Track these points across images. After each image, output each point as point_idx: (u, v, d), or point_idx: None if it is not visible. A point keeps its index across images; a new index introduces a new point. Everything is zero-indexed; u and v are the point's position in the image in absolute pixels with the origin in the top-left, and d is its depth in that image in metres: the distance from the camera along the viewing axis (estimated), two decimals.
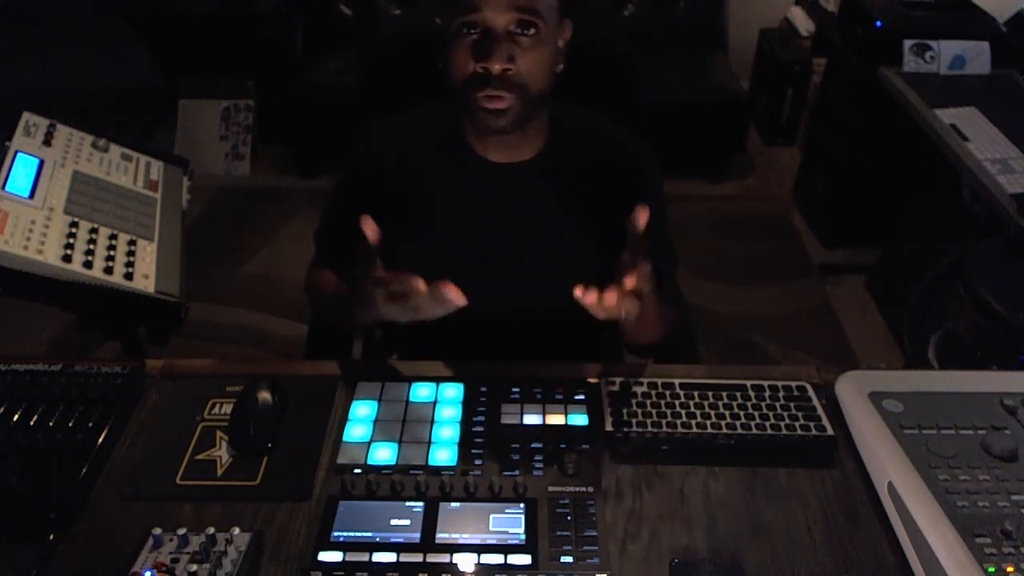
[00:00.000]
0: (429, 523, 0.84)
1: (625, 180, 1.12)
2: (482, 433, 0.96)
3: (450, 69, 1.00)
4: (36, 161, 1.28)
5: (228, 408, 1.00)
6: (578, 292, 0.85)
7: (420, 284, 0.87)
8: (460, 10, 0.96)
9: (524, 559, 0.80)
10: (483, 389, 1.03)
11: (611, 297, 0.85)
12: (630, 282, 0.85)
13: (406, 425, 0.97)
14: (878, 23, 2.35)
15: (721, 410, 0.97)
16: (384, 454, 0.93)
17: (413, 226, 1.13)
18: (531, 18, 0.96)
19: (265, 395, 0.97)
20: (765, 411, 0.97)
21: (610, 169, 1.13)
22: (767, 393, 1.00)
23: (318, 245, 1.25)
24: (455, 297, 0.87)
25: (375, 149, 1.15)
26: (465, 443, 0.94)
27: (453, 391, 1.02)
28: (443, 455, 0.93)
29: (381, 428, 0.97)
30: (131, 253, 1.25)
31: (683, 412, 0.97)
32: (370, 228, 0.89)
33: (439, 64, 1.03)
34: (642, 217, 0.86)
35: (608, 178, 1.13)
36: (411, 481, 0.88)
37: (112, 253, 1.22)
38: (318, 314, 1.32)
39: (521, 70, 0.97)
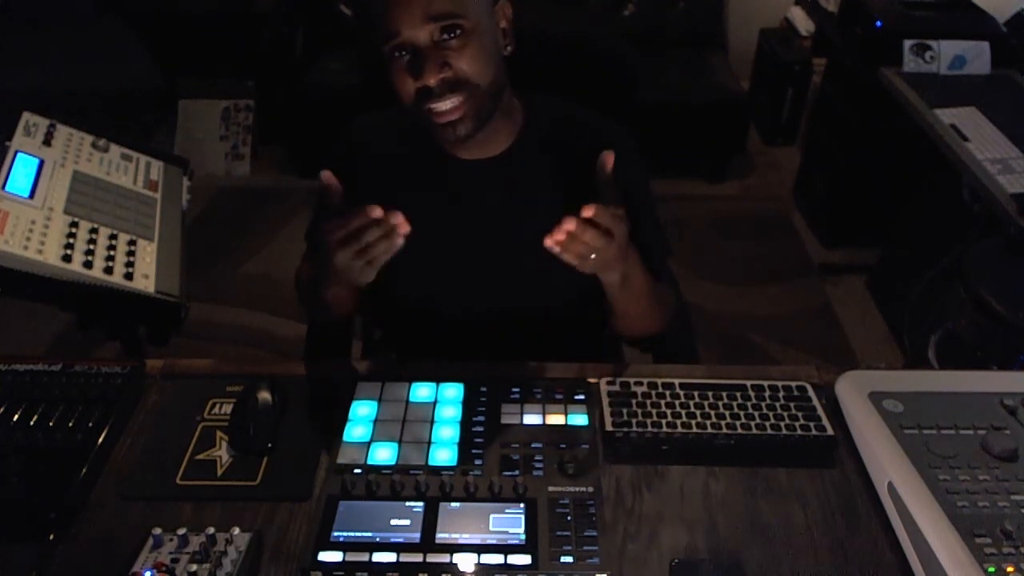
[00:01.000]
0: (429, 523, 0.84)
1: (592, 165, 1.12)
2: (482, 433, 0.96)
3: (396, 92, 1.00)
4: (36, 161, 1.28)
5: (228, 408, 1.00)
6: (548, 242, 0.86)
7: (374, 211, 0.86)
8: (384, 37, 0.96)
9: (524, 559, 0.80)
10: (483, 389, 1.02)
11: (572, 227, 0.85)
12: (587, 211, 0.85)
13: (406, 425, 0.97)
14: (878, 23, 2.35)
15: (721, 410, 0.97)
16: (384, 454, 0.93)
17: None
18: (451, 22, 0.95)
19: (265, 395, 0.97)
20: (765, 411, 0.97)
21: (584, 156, 1.11)
22: (767, 393, 1.00)
23: (308, 243, 1.25)
24: (400, 223, 0.87)
25: (352, 145, 1.16)
26: (465, 443, 0.94)
27: (453, 391, 1.02)
28: (443, 455, 0.93)
29: (381, 428, 0.97)
30: (131, 253, 1.25)
31: (683, 412, 0.97)
32: (329, 179, 0.91)
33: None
34: (608, 160, 0.91)
35: (583, 165, 1.11)
36: (411, 481, 0.88)
37: (112, 253, 1.21)
38: (306, 310, 1.31)
39: (460, 69, 0.96)
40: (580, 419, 0.98)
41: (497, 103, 1.03)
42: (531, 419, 0.98)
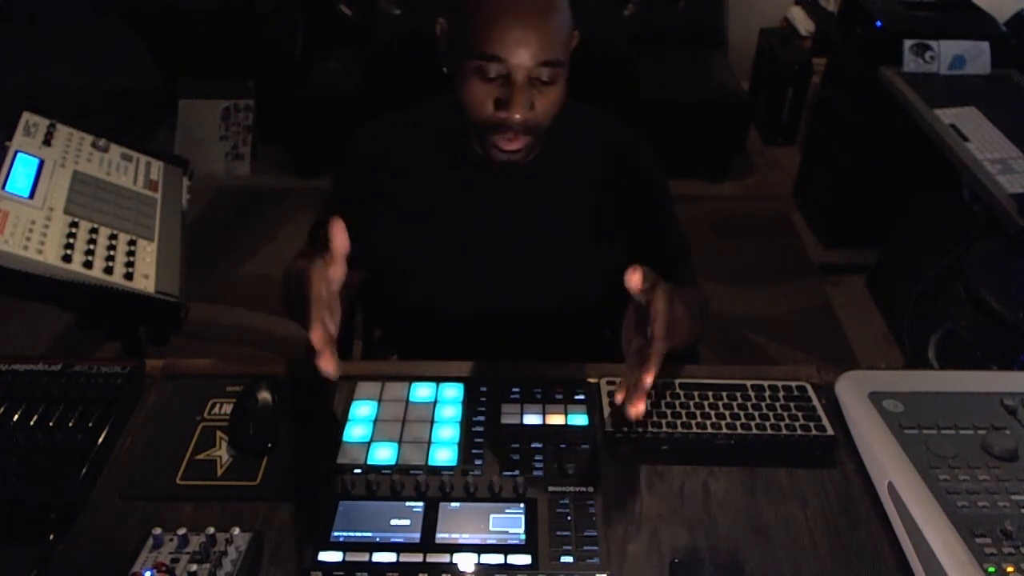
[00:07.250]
0: (429, 523, 0.84)
1: (621, 171, 1.13)
2: (482, 433, 0.96)
3: (464, 98, 0.97)
4: (36, 161, 1.28)
5: (228, 408, 1.00)
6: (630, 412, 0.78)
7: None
8: (477, 54, 0.93)
9: (524, 559, 0.80)
10: (483, 389, 1.02)
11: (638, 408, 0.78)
12: (647, 380, 0.78)
13: (406, 425, 0.97)
14: (878, 23, 2.35)
15: (721, 410, 0.97)
16: (384, 454, 0.93)
17: (408, 223, 1.13)
18: (554, 68, 0.94)
19: (265, 395, 0.97)
20: (765, 411, 0.97)
21: (606, 162, 1.13)
22: (767, 393, 1.00)
23: (309, 239, 1.24)
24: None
25: (369, 146, 1.15)
26: (465, 443, 0.94)
27: (453, 391, 1.02)
28: (443, 455, 0.93)
29: (381, 428, 0.97)
30: (131, 253, 1.25)
31: (683, 412, 0.97)
32: (339, 234, 0.79)
33: (444, 70, 1.01)
34: (635, 278, 0.76)
35: (604, 171, 1.13)
36: (411, 481, 0.88)
37: (112, 253, 1.22)
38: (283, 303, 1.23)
39: (540, 112, 0.96)
40: (580, 419, 0.98)
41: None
42: (531, 419, 0.98)
